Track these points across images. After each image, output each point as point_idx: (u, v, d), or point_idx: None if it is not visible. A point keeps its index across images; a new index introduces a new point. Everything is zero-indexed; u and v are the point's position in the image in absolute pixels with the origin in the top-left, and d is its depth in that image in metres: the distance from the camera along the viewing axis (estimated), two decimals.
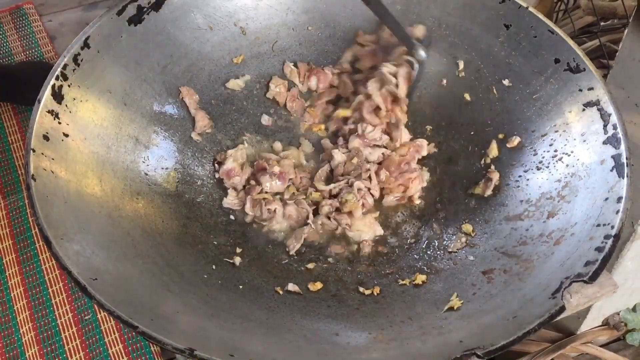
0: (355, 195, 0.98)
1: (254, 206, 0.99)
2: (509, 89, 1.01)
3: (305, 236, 0.97)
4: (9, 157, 1.29)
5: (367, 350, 0.78)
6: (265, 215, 0.98)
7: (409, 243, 0.98)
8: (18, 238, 1.18)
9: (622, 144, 0.86)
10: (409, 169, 1.02)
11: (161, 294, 0.80)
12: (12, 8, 1.61)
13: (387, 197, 1.02)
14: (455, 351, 0.71)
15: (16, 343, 1.05)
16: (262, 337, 0.79)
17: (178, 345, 0.69)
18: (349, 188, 1.00)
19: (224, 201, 1.01)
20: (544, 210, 0.90)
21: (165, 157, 1.00)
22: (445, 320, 0.81)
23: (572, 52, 0.94)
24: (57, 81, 0.88)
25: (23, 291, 1.11)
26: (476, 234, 0.95)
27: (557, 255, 0.82)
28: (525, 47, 0.99)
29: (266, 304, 0.86)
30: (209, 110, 1.07)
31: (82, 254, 0.77)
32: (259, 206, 0.98)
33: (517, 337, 0.71)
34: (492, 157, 1.00)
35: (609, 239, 0.78)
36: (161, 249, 0.88)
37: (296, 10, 1.11)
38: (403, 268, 0.94)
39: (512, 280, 0.83)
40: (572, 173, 0.90)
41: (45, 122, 0.85)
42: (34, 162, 0.81)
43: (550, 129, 0.95)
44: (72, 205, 0.82)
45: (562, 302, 0.74)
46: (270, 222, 0.98)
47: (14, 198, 1.23)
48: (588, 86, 0.92)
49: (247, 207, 0.99)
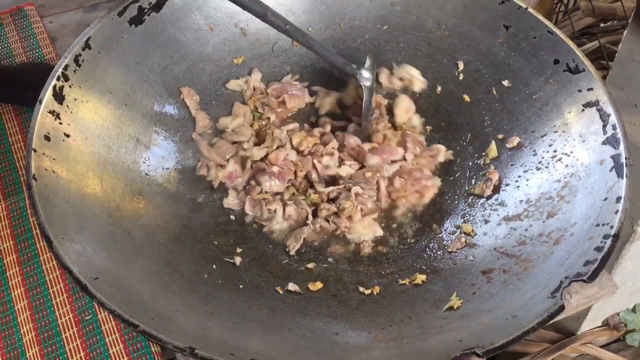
0: (352, 202, 0.98)
1: (254, 206, 0.99)
2: (509, 90, 1.01)
3: (304, 236, 0.97)
4: (10, 158, 1.29)
5: (367, 349, 0.78)
6: (265, 215, 0.98)
7: (409, 243, 0.98)
8: (19, 239, 1.18)
9: (621, 144, 0.86)
10: (423, 175, 1.02)
11: (162, 293, 0.80)
12: (13, 9, 1.61)
13: (400, 205, 1.02)
14: (455, 350, 0.71)
15: (17, 343, 1.06)
16: (262, 336, 0.79)
17: (179, 344, 0.69)
18: (347, 192, 1.00)
19: (225, 201, 1.01)
20: (544, 210, 0.90)
21: (165, 157, 1.00)
22: (444, 320, 0.82)
23: (572, 53, 0.94)
24: (58, 82, 0.88)
25: (24, 292, 1.11)
26: (476, 234, 0.95)
27: (557, 255, 0.83)
28: (525, 48, 1.00)
29: (266, 304, 0.87)
30: (209, 110, 1.07)
31: (83, 254, 0.77)
32: (259, 206, 0.99)
33: (517, 336, 0.71)
34: (491, 158, 1.01)
35: (608, 238, 0.78)
36: (162, 248, 0.88)
37: (296, 12, 1.11)
38: (403, 268, 0.94)
39: (511, 280, 0.84)
40: (572, 173, 0.90)
41: (47, 122, 0.85)
42: (35, 162, 0.81)
43: (550, 130, 0.95)
44: (73, 205, 0.82)
45: (562, 301, 0.74)
46: (270, 223, 0.99)
47: (14, 199, 1.23)
48: (587, 87, 0.92)
49: (247, 207, 0.99)
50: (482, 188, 0.99)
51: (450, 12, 1.07)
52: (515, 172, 0.97)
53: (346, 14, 1.12)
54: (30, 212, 1.21)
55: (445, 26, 1.08)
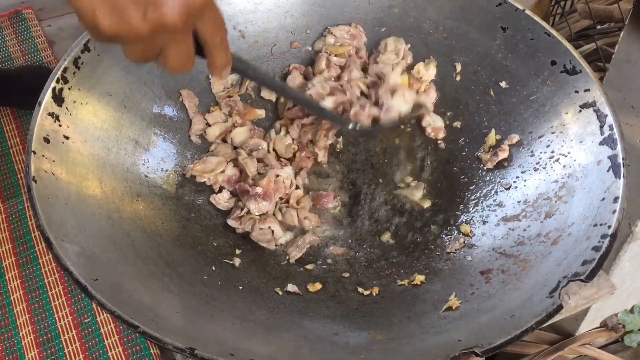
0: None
1: (254, 231, 0.97)
2: (506, 91, 1.02)
3: (307, 246, 0.97)
4: (9, 162, 1.30)
5: (366, 349, 0.78)
6: (266, 237, 0.97)
7: (408, 243, 0.98)
8: (18, 242, 1.18)
9: (618, 145, 0.86)
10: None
11: (161, 294, 0.80)
12: (11, 13, 1.61)
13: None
14: (453, 350, 0.71)
15: (16, 346, 1.06)
16: (262, 337, 0.79)
17: (178, 345, 0.69)
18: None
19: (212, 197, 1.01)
20: (542, 211, 0.90)
21: (164, 159, 1.00)
22: (443, 320, 0.82)
23: (569, 54, 0.95)
24: (57, 84, 0.88)
25: (23, 294, 1.12)
26: (474, 234, 0.95)
27: (555, 254, 0.83)
28: (522, 50, 1.00)
29: (266, 305, 0.87)
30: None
31: (82, 255, 0.77)
32: (256, 230, 0.97)
33: (515, 335, 0.71)
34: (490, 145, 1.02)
35: (606, 238, 0.79)
36: (161, 250, 0.88)
37: (295, 14, 1.11)
38: (402, 269, 0.94)
39: (509, 280, 0.84)
40: (569, 174, 0.90)
41: (46, 124, 0.86)
42: (34, 164, 0.82)
43: (547, 130, 0.96)
44: (72, 207, 0.82)
45: (560, 301, 0.74)
46: (270, 244, 0.98)
47: (13, 202, 1.24)
48: (584, 88, 0.92)
49: (232, 223, 0.98)
50: (487, 158, 1.00)
51: (447, 14, 1.07)
52: (513, 173, 0.97)
53: (344, 16, 1.12)
54: (29, 214, 1.22)
55: (442, 28, 1.08)
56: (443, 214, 1.00)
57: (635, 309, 1.34)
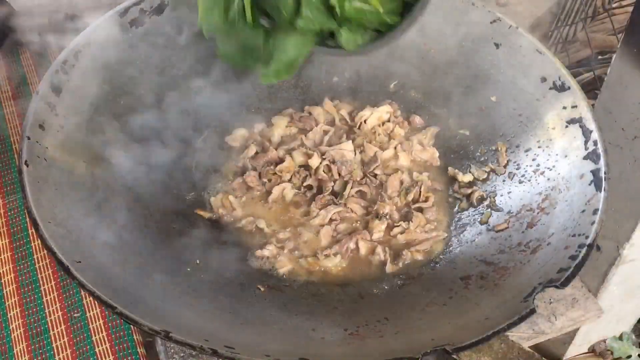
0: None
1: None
2: (496, 105, 1.03)
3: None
4: (10, 157, 1.31)
5: (342, 345, 0.79)
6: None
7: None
8: (15, 237, 1.19)
9: (601, 159, 0.88)
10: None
11: (144, 282, 0.82)
12: None
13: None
14: (426, 347, 0.72)
15: (5, 339, 1.06)
16: (238, 327, 0.80)
17: (154, 327, 0.69)
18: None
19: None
20: (524, 221, 0.92)
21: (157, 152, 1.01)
22: (420, 321, 0.83)
23: (558, 71, 0.97)
24: (56, 75, 0.91)
25: (15, 288, 1.12)
26: (458, 243, 0.96)
27: (533, 262, 0.84)
28: (514, 66, 1.02)
29: (246, 299, 0.88)
30: None
31: (68, 238, 0.78)
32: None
33: (487, 335, 0.72)
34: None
35: (583, 247, 0.80)
36: (147, 241, 0.89)
37: None
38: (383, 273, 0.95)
39: (487, 286, 0.85)
40: (553, 187, 0.92)
41: (42, 112, 0.88)
42: (28, 149, 0.83)
43: (534, 145, 0.97)
44: (62, 193, 0.84)
45: (533, 305, 0.75)
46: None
47: (12, 198, 1.25)
48: (572, 104, 0.94)
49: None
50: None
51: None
52: (499, 185, 0.99)
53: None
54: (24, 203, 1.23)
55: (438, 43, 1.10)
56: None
57: (624, 336, 1.33)
